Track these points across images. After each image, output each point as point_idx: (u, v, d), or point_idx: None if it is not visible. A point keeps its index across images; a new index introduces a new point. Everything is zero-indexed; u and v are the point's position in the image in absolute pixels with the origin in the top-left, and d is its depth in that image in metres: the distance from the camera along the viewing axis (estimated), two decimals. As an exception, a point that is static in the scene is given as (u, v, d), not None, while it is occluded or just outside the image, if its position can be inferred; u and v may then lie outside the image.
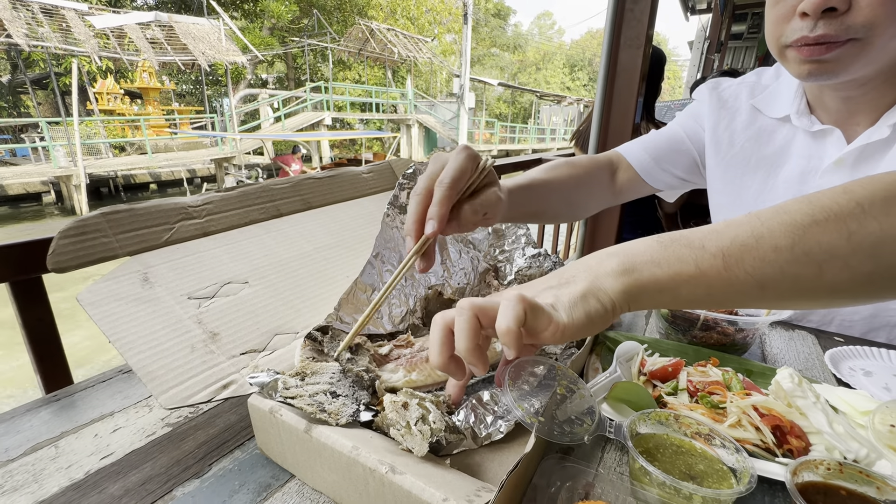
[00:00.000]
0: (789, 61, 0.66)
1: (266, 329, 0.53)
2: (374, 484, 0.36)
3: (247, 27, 18.96)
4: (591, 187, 0.89)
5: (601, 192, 0.92)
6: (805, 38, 0.60)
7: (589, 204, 0.92)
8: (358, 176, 0.90)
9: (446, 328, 0.37)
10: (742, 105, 0.86)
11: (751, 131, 0.84)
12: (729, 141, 0.86)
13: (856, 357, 0.68)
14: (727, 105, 0.87)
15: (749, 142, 0.84)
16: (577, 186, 0.86)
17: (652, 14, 1.61)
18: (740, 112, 0.86)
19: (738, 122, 0.85)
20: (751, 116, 0.84)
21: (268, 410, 0.42)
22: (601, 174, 0.92)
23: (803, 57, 0.62)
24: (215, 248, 0.60)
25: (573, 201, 0.87)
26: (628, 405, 0.50)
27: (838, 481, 0.40)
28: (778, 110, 0.80)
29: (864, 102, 0.68)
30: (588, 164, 0.89)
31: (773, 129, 0.82)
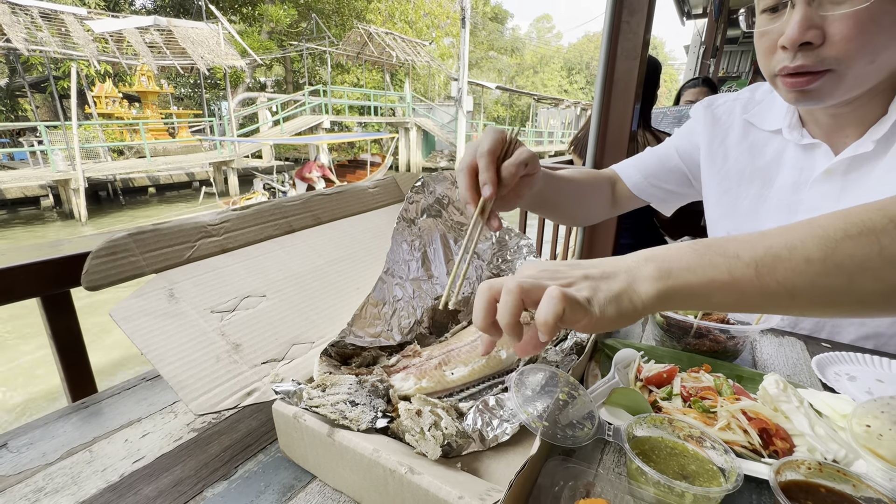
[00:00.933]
0: (779, 88, 0.71)
1: (284, 339, 0.56)
2: (394, 484, 0.39)
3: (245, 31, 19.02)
4: (596, 194, 0.99)
5: (603, 201, 1.02)
6: (787, 68, 0.65)
7: (594, 209, 1.01)
8: (364, 191, 0.93)
9: (492, 299, 0.41)
10: (735, 120, 0.91)
11: (744, 145, 0.89)
12: (724, 155, 0.91)
13: (841, 363, 0.72)
14: (720, 122, 0.93)
15: (743, 155, 0.89)
16: (587, 188, 0.96)
17: (647, 26, 1.66)
18: (734, 127, 0.91)
19: (731, 137, 0.90)
20: (744, 131, 0.89)
21: (292, 416, 0.45)
22: (604, 184, 1.02)
23: (788, 86, 0.67)
24: (234, 265, 0.64)
25: (583, 202, 0.96)
26: (626, 410, 0.54)
27: (818, 480, 0.43)
28: (770, 123, 0.85)
29: (852, 118, 0.73)
30: (594, 174, 1.00)
31: (764, 142, 0.87)
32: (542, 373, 0.53)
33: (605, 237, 1.93)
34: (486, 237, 0.87)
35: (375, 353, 0.60)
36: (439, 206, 0.80)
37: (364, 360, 0.57)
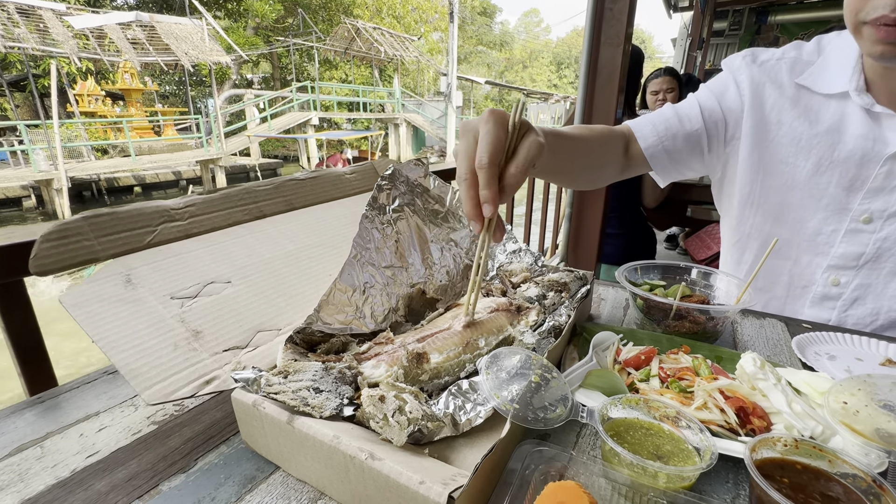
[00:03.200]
0: (864, 38, 0.64)
1: (249, 326, 0.54)
2: (355, 470, 0.38)
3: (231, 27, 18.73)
4: (607, 155, 0.88)
5: (614, 163, 0.90)
6: (885, 18, 0.59)
7: (603, 171, 0.90)
8: (341, 177, 0.91)
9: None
10: (784, 81, 0.81)
11: (798, 109, 0.80)
12: (778, 120, 0.82)
13: (821, 342, 0.72)
14: (770, 81, 0.82)
15: (798, 120, 0.80)
16: (597, 149, 0.85)
17: (631, 13, 1.64)
18: (784, 89, 0.81)
19: (783, 99, 0.81)
20: (796, 94, 0.80)
21: (251, 404, 0.43)
22: (617, 144, 0.90)
23: (880, 37, 0.61)
24: (198, 250, 0.61)
25: (591, 165, 0.86)
26: (602, 391, 0.52)
27: (794, 457, 0.42)
28: (829, 86, 0.76)
29: None
30: (607, 132, 0.88)
31: (819, 107, 0.78)
32: (515, 356, 0.51)
33: (592, 228, 1.93)
34: (462, 225, 0.85)
35: (345, 339, 0.58)
36: (412, 195, 0.78)
37: (332, 346, 0.55)
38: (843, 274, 0.81)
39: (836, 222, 0.79)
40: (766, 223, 0.88)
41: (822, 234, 0.81)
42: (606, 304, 0.86)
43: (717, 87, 0.88)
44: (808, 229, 0.83)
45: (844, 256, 0.80)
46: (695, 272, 0.80)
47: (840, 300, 0.82)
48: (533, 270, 0.82)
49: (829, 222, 0.80)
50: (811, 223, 0.82)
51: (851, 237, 0.78)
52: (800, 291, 0.87)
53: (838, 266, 0.81)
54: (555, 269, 0.81)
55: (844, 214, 0.78)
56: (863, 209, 0.77)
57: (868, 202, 0.76)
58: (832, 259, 0.81)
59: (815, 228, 0.82)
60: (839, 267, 0.81)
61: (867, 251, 0.78)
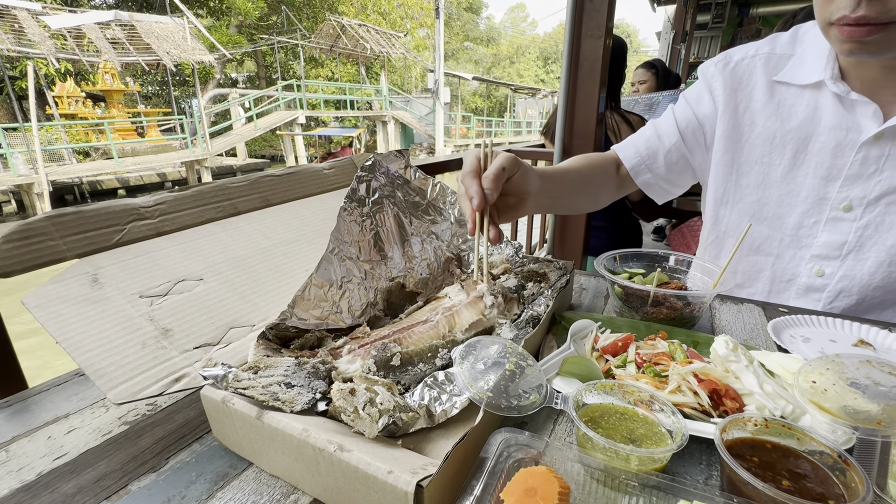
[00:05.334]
0: (832, 38, 0.67)
1: (221, 323, 0.53)
2: (325, 463, 0.37)
3: (213, 25, 18.45)
4: (601, 180, 0.93)
5: (609, 186, 0.95)
6: (846, 18, 0.61)
7: (601, 195, 0.95)
8: (319, 172, 0.90)
9: None
10: (758, 80, 0.83)
11: (771, 107, 0.82)
12: (750, 122, 0.84)
13: (797, 325, 0.73)
14: (744, 85, 0.84)
15: (770, 119, 0.81)
16: (591, 177, 0.90)
17: (611, 5, 1.65)
18: (757, 88, 0.83)
19: (756, 100, 0.83)
20: (768, 92, 0.82)
21: (220, 400, 0.42)
22: (609, 168, 0.95)
23: (844, 37, 0.63)
24: (169, 248, 0.60)
25: (588, 191, 0.90)
26: (578, 378, 0.53)
27: (765, 436, 0.43)
28: (806, 76, 0.77)
29: None
30: (598, 159, 0.94)
31: (793, 100, 0.80)
32: (490, 345, 0.51)
33: (577, 221, 1.94)
34: (443, 217, 0.85)
35: (321, 335, 0.57)
36: (392, 187, 0.77)
37: (307, 342, 0.55)
38: (827, 264, 0.81)
39: (817, 213, 0.80)
40: (743, 221, 0.88)
41: (804, 226, 0.82)
42: (588, 293, 0.87)
43: (692, 96, 0.92)
44: (789, 224, 0.83)
45: (827, 245, 0.80)
46: (672, 259, 0.81)
47: (825, 291, 0.82)
48: (513, 261, 0.82)
49: (810, 214, 0.81)
50: (792, 218, 0.83)
51: (833, 226, 0.79)
52: (784, 285, 0.88)
53: (822, 256, 0.81)
54: (535, 259, 0.81)
55: (824, 204, 0.79)
56: (842, 197, 0.77)
57: (846, 190, 0.77)
58: (815, 249, 0.81)
59: (797, 222, 0.82)
60: (823, 257, 0.81)
61: (849, 240, 0.78)
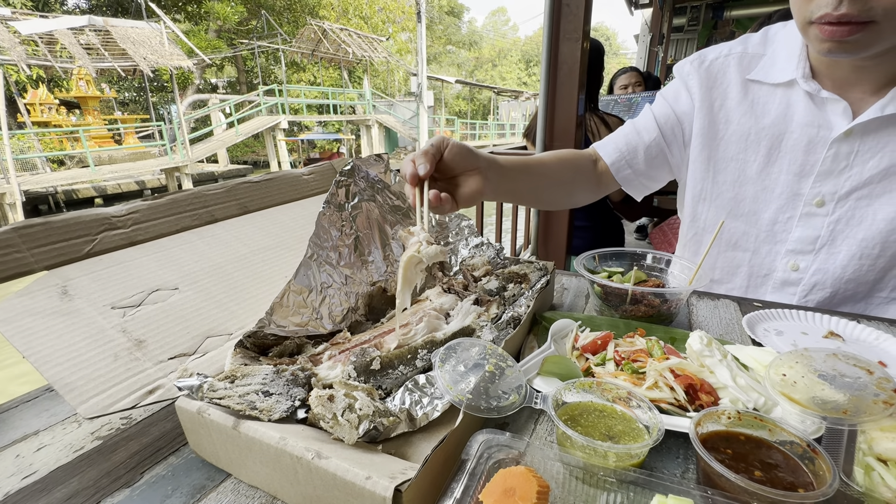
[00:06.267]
0: (811, 36, 0.68)
1: (197, 333, 0.52)
2: (303, 471, 0.37)
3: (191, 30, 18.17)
4: (576, 176, 0.93)
5: (586, 183, 0.96)
6: (828, 16, 0.62)
7: (577, 192, 0.95)
8: (298, 178, 0.89)
9: None
10: (732, 79, 0.85)
11: (745, 105, 0.84)
12: (726, 119, 0.86)
13: (770, 319, 0.74)
14: (718, 82, 0.86)
15: (745, 116, 0.83)
16: (565, 171, 0.91)
17: (587, 8, 1.67)
18: (731, 86, 0.85)
19: (731, 98, 0.85)
20: (742, 90, 0.84)
21: (195, 411, 0.41)
22: (585, 165, 0.95)
23: (825, 35, 0.64)
24: (143, 257, 0.59)
25: (561, 186, 0.91)
26: (558, 377, 0.53)
27: (738, 428, 0.44)
28: (778, 75, 0.79)
29: (875, 72, 0.71)
30: (573, 154, 0.94)
31: (766, 98, 0.82)
32: (469, 347, 0.51)
33: (560, 222, 1.96)
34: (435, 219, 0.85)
35: (300, 342, 0.57)
36: (372, 191, 0.77)
37: (285, 349, 0.54)
38: (801, 259, 0.83)
39: (791, 209, 0.82)
40: (721, 217, 0.90)
41: (779, 222, 0.84)
42: (569, 293, 0.88)
43: (670, 94, 0.93)
44: (764, 220, 0.85)
45: (801, 240, 0.82)
46: (650, 258, 0.82)
47: (800, 285, 0.85)
48: (495, 263, 0.82)
49: (785, 210, 0.83)
50: (767, 213, 0.85)
51: (806, 221, 0.81)
52: (761, 280, 0.90)
53: (796, 251, 0.83)
54: (515, 261, 0.81)
55: (798, 200, 0.81)
56: (814, 192, 0.80)
57: (819, 185, 0.79)
58: (790, 244, 0.84)
59: (772, 218, 0.84)
60: (797, 251, 0.83)
61: (822, 234, 0.80)
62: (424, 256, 0.55)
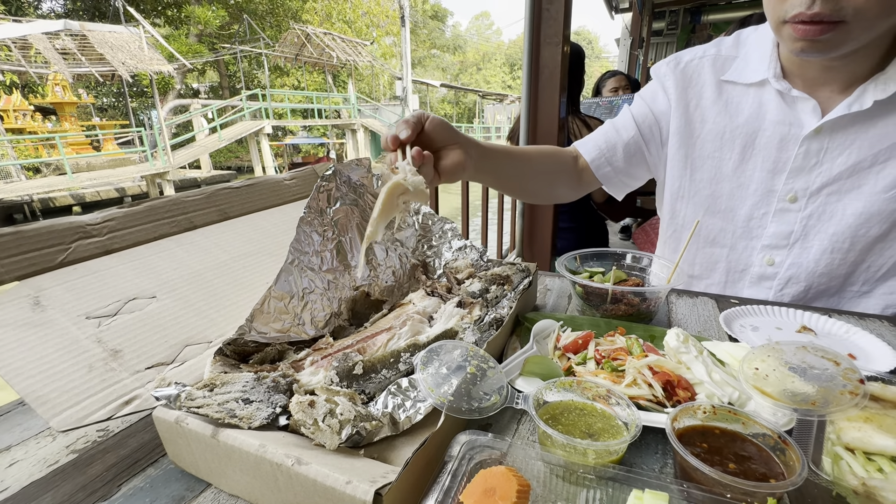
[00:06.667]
0: (784, 36, 0.70)
1: (175, 341, 0.52)
2: (283, 478, 0.37)
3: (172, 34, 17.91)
4: (557, 171, 0.95)
5: (567, 179, 0.97)
6: (802, 15, 0.65)
7: (558, 187, 0.97)
8: (280, 183, 0.89)
9: None
10: (706, 79, 0.88)
11: (720, 105, 0.86)
12: (701, 118, 0.88)
13: (746, 315, 0.76)
14: (693, 83, 0.89)
15: (720, 115, 0.86)
16: (546, 165, 0.93)
17: (567, 13, 1.70)
18: (706, 87, 0.88)
19: (706, 98, 0.88)
20: (716, 90, 0.87)
21: (173, 421, 0.41)
22: (567, 161, 0.98)
23: (799, 35, 0.67)
24: (119, 266, 0.58)
25: (542, 179, 0.92)
26: (539, 377, 0.54)
27: (713, 422, 0.45)
28: (751, 76, 0.82)
29: (843, 72, 0.74)
30: (555, 150, 0.97)
31: (740, 98, 0.85)
32: (451, 350, 0.52)
33: (544, 223, 1.98)
34: (407, 224, 0.85)
35: (282, 348, 0.56)
36: (355, 195, 0.77)
37: (267, 355, 0.54)
38: (776, 253, 0.86)
39: (766, 205, 0.85)
40: (698, 214, 0.93)
41: (754, 218, 0.87)
42: (552, 293, 0.89)
43: (647, 94, 0.96)
44: (740, 216, 0.88)
45: (776, 235, 0.85)
46: (629, 257, 0.84)
47: (776, 279, 0.87)
48: (478, 266, 0.83)
49: (760, 206, 0.86)
50: (743, 210, 0.87)
51: (780, 216, 0.84)
52: (738, 275, 0.92)
53: (772, 245, 0.86)
54: (498, 263, 0.82)
55: (772, 196, 0.84)
56: (787, 189, 0.82)
57: (791, 182, 0.82)
58: (765, 239, 0.86)
59: (748, 214, 0.87)
60: (772, 246, 0.86)
61: (795, 229, 0.83)
62: (410, 185, 0.54)
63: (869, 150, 0.75)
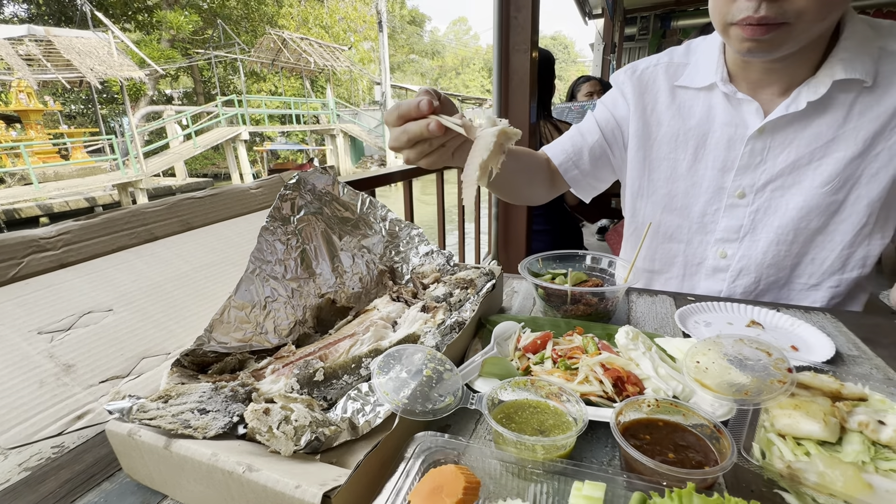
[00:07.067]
0: (732, 37, 0.75)
1: (132, 354, 0.51)
2: (235, 486, 0.37)
3: (143, 40, 17.51)
4: (535, 172, 1.00)
5: (543, 180, 1.02)
6: (750, 18, 0.69)
7: (536, 188, 1.01)
8: (245, 192, 0.89)
9: None
10: (661, 86, 0.93)
11: (673, 109, 0.92)
12: (657, 122, 0.94)
13: (700, 312, 0.80)
14: (649, 89, 0.95)
15: (674, 119, 0.92)
16: (528, 165, 0.97)
17: (535, 20, 1.74)
18: (661, 92, 0.93)
19: (661, 102, 0.93)
20: (670, 95, 0.93)
21: (126, 434, 0.41)
22: (542, 163, 1.02)
23: (746, 36, 0.71)
24: (75, 279, 0.57)
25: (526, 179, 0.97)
26: (497, 377, 0.55)
27: (657, 415, 0.47)
28: (701, 80, 0.88)
29: (782, 74, 0.80)
30: (530, 152, 1.01)
31: (692, 102, 0.90)
32: (408, 354, 0.53)
33: (518, 227, 2.01)
34: (374, 231, 0.86)
35: (243, 357, 0.56)
36: (319, 203, 0.78)
37: (227, 365, 0.54)
38: (728, 246, 0.92)
39: (717, 201, 0.91)
40: (657, 212, 0.98)
41: (708, 214, 0.92)
42: (518, 295, 0.91)
43: (608, 100, 1.02)
44: (695, 213, 0.93)
45: (727, 229, 0.91)
46: (589, 259, 0.86)
47: (728, 271, 0.93)
48: (444, 270, 0.84)
49: (712, 203, 0.91)
50: (697, 207, 0.93)
51: (730, 212, 0.90)
52: (695, 268, 0.98)
53: (724, 239, 0.92)
54: (464, 267, 0.84)
55: (722, 193, 0.90)
56: (736, 185, 0.88)
57: (739, 179, 0.87)
58: (718, 233, 0.92)
59: (701, 210, 0.92)
60: (724, 240, 0.92)
61: (744, 223, 0.89)
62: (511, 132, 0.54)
63: (806, 148, 0.81)
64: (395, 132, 0.60)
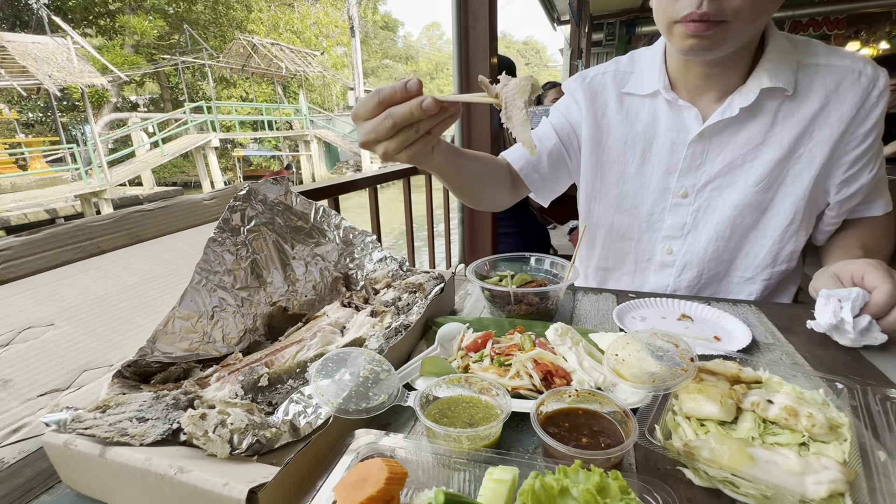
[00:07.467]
0: (675, 35, 0.80)
1: (72, 367, 0.52)
2: (168, 488, 0.39)
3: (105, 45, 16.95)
4: (497, 177, 1.03)
5: (504, 185, 1.05)
6: (692, 14, 0.74)
7: (497, 193, 1.05)
8: (198, 203, 0.90)
9: None
10: (610, 92, 0.99)
11: (621, 115, 0.98)
12: (607, 127, 0.99)
13: (637, 308, 0.85)
14: (599, 96, 1.00)
15: (622, 124, 0.98)
16: (489, 170, 1.00)
17: (492, 28, 1.80)
18: (610, 99, 0.99)
19: (610, 109, 0.99)
20: (618, 102, 0.98)
21: (62, 444, 0.42)
22: (504, 168, 1.06)
23: (689, 32, 0.76)
24: (15, 295, 0.57)
25: (487, 184, 1.00)
26: (435, 376, 0.58)
27: (577, 404, 0.51)
28: (646, 88, 0.94)
29: (717, 81, 0.86)
30: (491, 157, 1.05)
31: (638, 109, 0.96)
32: (352, 357, 0.55)
33: (484, 231, 2.05)
34: (328, 240, 0.88)
35: (188, 366, 0.58)
36: (271, 213, 0.79)
37: (170, 374, 0.55)
38: (674, 243, 0.99)
39: (663, 201, 0.97)
40: (609, 213, 1.03)
41: (655, 213, 0.99)
42: (471, 297, 0.94)
43: (562, 106, 1.07)
44: (643, 212, 0.99)
45: (672, 227, 0.98)
46: (533, 260, 0.91)
47: (674, 266, 1.00)
48: (396, 275, 0.87)
49: (658, 202, 0.98)
50: (645, 206, 0.99)
51: (674, 211, 0.96)
52: (645, 264, 1.04)
53: (670, 236, 0.98)
54: (415, 272, 0.87)
55: (668, 193, 0.96)
56: (679, 186, 0.94)
57: (682, 180, 0.94)
58: (664, 231, 0.99)
59: (649, 210, 0.99)
60: (670, 237, 0.98)
61: (687, 221, 0.96)
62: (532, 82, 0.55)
63: (739, 151, 0.88)
64: (374, 122, 0.57)
